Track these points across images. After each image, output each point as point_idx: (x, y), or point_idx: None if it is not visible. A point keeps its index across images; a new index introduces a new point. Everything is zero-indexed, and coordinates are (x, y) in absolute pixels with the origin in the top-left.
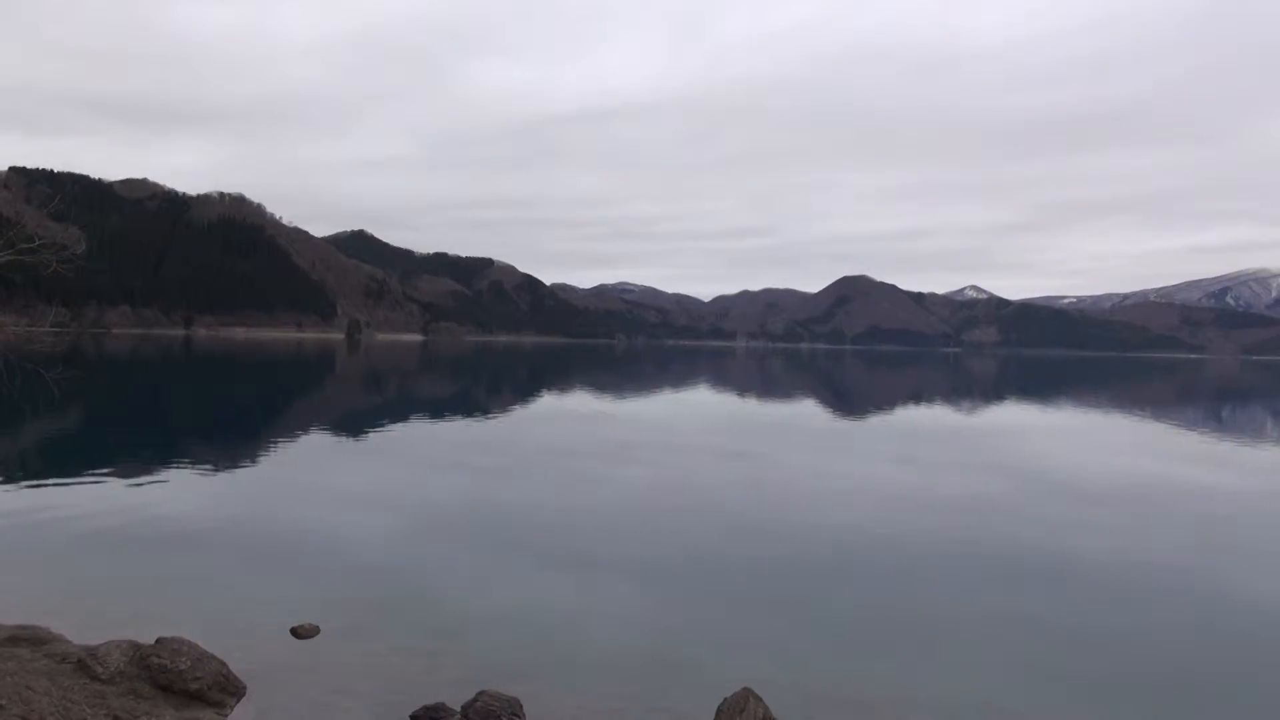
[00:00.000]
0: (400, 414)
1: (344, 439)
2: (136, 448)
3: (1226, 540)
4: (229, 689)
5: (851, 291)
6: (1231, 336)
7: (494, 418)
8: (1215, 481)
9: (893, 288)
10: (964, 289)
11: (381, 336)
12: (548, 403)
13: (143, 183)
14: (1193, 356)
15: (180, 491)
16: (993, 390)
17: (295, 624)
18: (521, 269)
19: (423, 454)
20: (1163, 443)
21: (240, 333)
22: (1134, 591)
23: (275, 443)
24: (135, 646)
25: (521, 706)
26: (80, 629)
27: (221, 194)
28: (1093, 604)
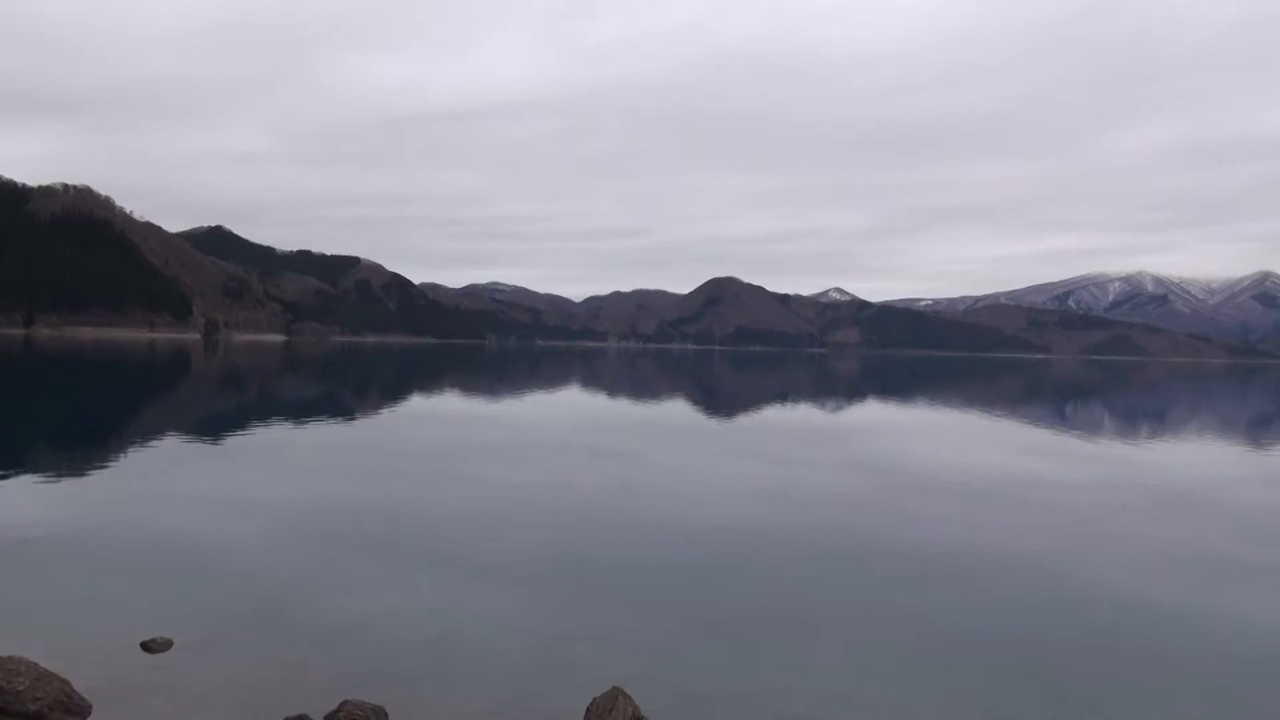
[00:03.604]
0: (260, 417)
1: (199, 443)
2: None
3: (1075, 528)
4: (72, 709)
5: (721, 293)
6: (1073, 338)
7: (360, 420)
8: (1061, 473)
9: (760, 289)
10: (828, 291)
11: (241, 337)
12: (416, 404)
13: None
14: (1039, 356)
15: (17, 500)
16: (856, 390)
17: (146, 638)
18: (390, 268)
19: (284, 458)
20: (1013, 438)
21: (87, 332)
22: (994, 580)
23: (124, 448)
24: None
25: (387, 714)
26: None
27: (66, 185)
28: (955, 594)
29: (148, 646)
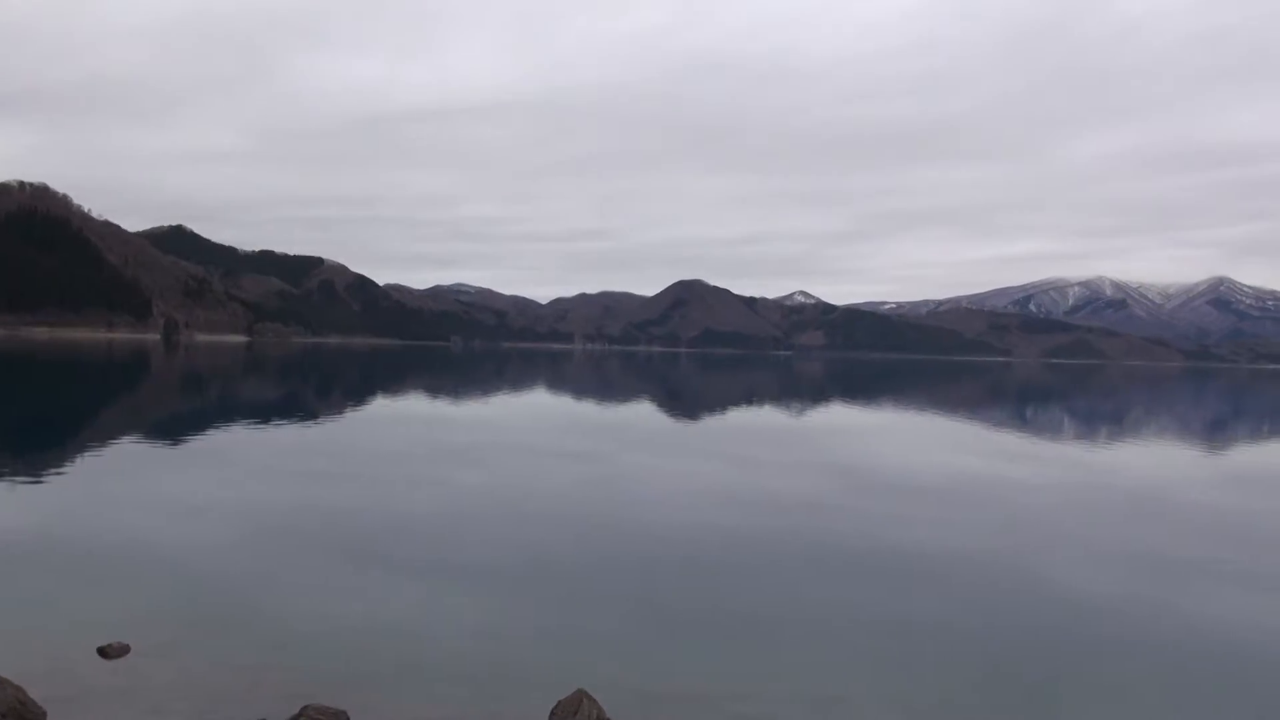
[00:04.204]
0: (220, 419)
1: (159, 446)
2: None
3: (1035, 528)
4: (26, 715)
5: (687, 295)
6: (1034, 341)
7: (323, 422)
8: (1022, 474)
9: (726, 292)
10: (793, 294)
11: (202, 338)
12: (381, 406)
13: None
14: (1000, 360)
15: None
16: (821, 392)
17: (103, 643)
18: (354, 269)
19: (244, 461)
20: (977, 440)
21: (43, 332)
22: (955, 580)
23: (81, 450)
24: None
25: (349, 719)
26: None
27: (21, 183)
28: (921, 594)
29: (104, 652)
